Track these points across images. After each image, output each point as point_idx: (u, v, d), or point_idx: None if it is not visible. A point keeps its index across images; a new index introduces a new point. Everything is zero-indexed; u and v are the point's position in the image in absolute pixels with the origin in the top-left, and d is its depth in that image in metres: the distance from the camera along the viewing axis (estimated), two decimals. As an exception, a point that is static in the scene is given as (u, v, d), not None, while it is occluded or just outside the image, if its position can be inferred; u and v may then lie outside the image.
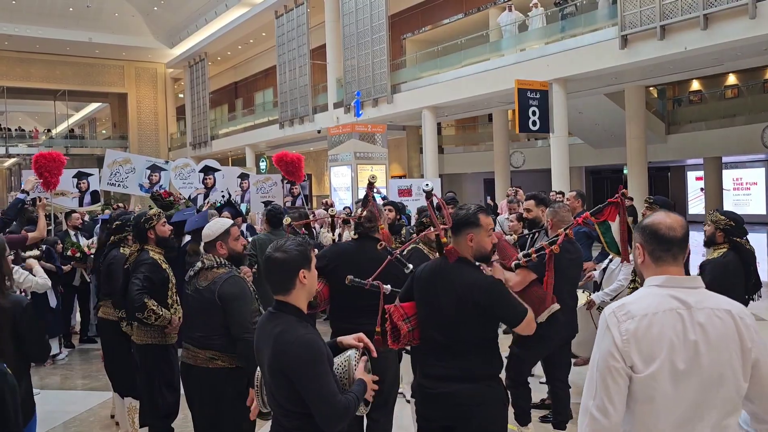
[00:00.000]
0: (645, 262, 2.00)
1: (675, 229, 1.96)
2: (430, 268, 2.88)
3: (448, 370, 2.73)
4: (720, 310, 1.88)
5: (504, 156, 21.91)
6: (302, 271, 2.33)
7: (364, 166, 13.17)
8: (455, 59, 19.05)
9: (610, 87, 17.33)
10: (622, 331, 1.85)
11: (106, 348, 4.82)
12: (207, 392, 3.28)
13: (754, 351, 1.85)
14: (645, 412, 1.84)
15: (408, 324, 2.77)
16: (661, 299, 1.89)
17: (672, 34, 12.69)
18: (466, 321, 2.73)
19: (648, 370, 1.82)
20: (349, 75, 21.33)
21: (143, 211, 4.42)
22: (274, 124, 26.44)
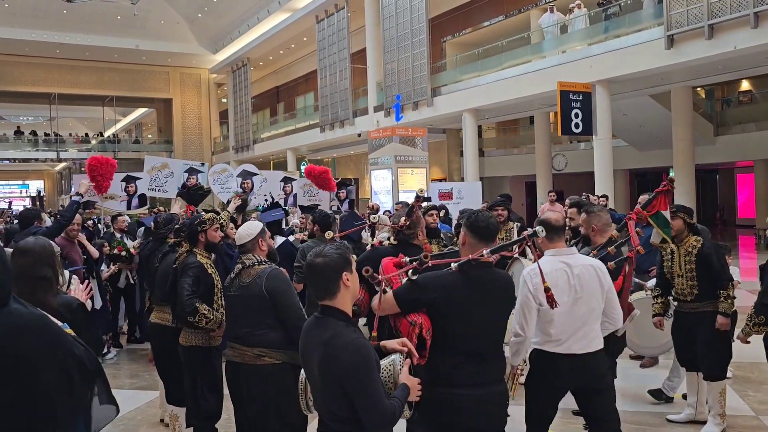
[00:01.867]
0: (543, 242, 3.36)
1: (559, 221, 3.39)
2: (468, 278, 2.78)
3: (491, 375, 2.79)
4: (587, 266, 3.31)
5: (546, 159, 21.64)
6: (345, 273, 2.37)
7: (404, 170, 13.16)
8: (496, 61, 18.90)
9: (655, 88, 16.95)
10: (532, 284, 3.15)
11: (158, 353, 4.82)
12: (256, 389, 3.34)
13: (605, 286, 3.32)
14: (548, 328, 3.25)
15: (430, 337, 2.71)
16: (553, 263, 3.26)
17: (720, 33, 12.36)
18: (504, 323, 2.89)
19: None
20: (389, 78, 21.38)
21: (198, 214, 4.50)
22: (315, 127, 26.66)
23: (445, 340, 2.75)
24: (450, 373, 2.74)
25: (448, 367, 2.75)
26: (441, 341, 2.74)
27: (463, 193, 12.97)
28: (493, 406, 2.77)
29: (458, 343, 2.75)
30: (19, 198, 48.69)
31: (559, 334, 3.22)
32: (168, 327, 4.51)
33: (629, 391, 5.48)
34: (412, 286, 2.80)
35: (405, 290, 2.79)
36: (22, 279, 2.54)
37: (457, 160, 25.22)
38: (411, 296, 2.76)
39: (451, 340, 2.75)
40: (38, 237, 2.81)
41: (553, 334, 3.22)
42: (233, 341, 3.46)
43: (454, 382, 2.73)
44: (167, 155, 34.68)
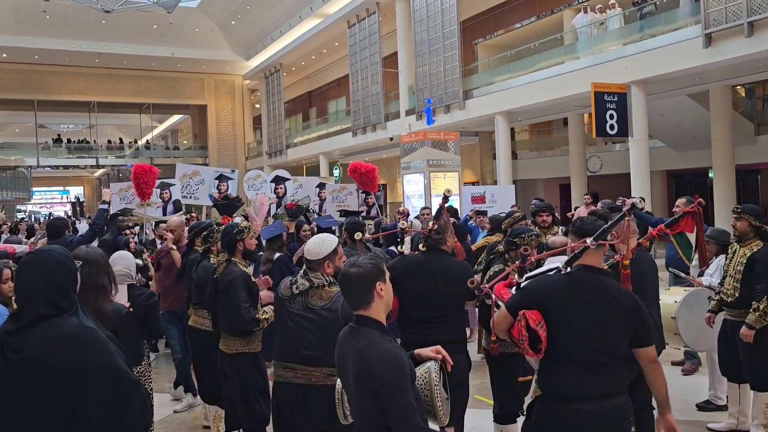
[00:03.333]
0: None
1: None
2: (574, 282, 2.74)
3: (609, 385, 2.67)
4: None
5: (580, 160, 21.38)
6: (378, 283, 2.38)
7: (436, 174, 13.13)
8: (528, 63, 18.76)
9: (693, 87, 16.61)
10: None
11: (195, 356, 4.93)
12: (325, 409, 3.16)
13: None
14: None
15: (542, 330, 2.65)
16: None
17: (760, 30, 12.07)
18: (626, 332, 2.71)
19: None
20: (420, 82, 21.37)
21: (234, 223, 4.53)
22: (347, 132, 26.78)
23: (558, 346, 2.68)
24: (566, 384, 2.66)
25: (564, 377, 2.67)
26: (554, 347, 2.68)
27: (496, 197, 12.88)
28: (614, 421, 2.66)
29: (571, 351, 2.67)
30: (59, 204, 49.94)
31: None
32: (206, 331, 4.60)
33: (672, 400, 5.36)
34: (521, 292, 2.82)
35: (515, 298, 2.81)
36: (86, 288, 2.69)
37: (490, 163, 25.07)
38: (521, 303, 2.75)
39: (562, 346, 2.68)
40: (91, 247, 2.93)
41: None
42: (292, 361, 3.30)
43: (572, 395, 2.64)
44: (202, 161, 35.22)
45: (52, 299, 2.17)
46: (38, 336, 2.13)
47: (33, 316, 2.15)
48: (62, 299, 2.19)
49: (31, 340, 2.12)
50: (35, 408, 2.10)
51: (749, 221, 4.42)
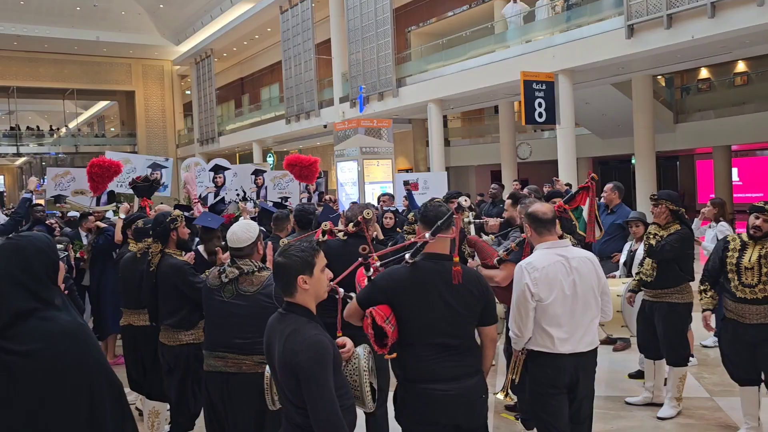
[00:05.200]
0: (532, 235, 3.21)
1: (547, 214, 3.18)
2: (420, 272, 2.80)
3: (463, 367, 2.77)
4: (584, 258, 3.17)
5: (510, 148, 21.83)
6: (301, 277, 2.39)
7: (370, 161, 13.14)
8: (460, 51, 18.98)
9: (616, 77, 17.21)
10: (531, 278, 3.05)
11: (132, 353, 4.69)
12: (256, 397, 3.11)
13: (601, 279, 3.19)
14: (549, 323, 3.06)
15: (389, 325, 2.72)
16: (549, 256, 3.11)
17: (679, 22, 12.58)
18: (474, 315, 2.82)
19: (550, 299, 3.05)
20: (354, 69, 21.31)
21: (166, 211, 4.36)
22: (280, 119, 26.47)
23: (409, 334, 2.76)
24: (420, 367, 2.75)
25: (418, 361, 2.76)
26: (406, 335, 2.76)
27: (428, 184, 13.02)
28: (470, 400, 2.77)
29: (423, 337, 2.75)
30: (-23, 194, 47.43)
31: (564, 333, 3.07)
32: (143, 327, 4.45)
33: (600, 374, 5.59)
34: (370, 285, 2.87)
35: (364, 292, 2.85)
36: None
37: (423, 150, 25.30)
38: (370, 296, 2.80)
39: (414, 333, 2.76)
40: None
41: (556, 335, 3.06)
42: (223, 350, 3.25)
43: (426, 377, 2.73)
44: (131, 149, 34.10)
45: (32, 291, 2.03)
46: (31, 333, 1.99)
47: (15, 311, 2.00)
48: (43, 290, 2.05)
49: (24, 338, 1.98)
50: (48, 409, 1.98)
51: (667, 206, 4.61)
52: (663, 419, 4.55)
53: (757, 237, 3.93)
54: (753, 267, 3.90)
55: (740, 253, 4.00)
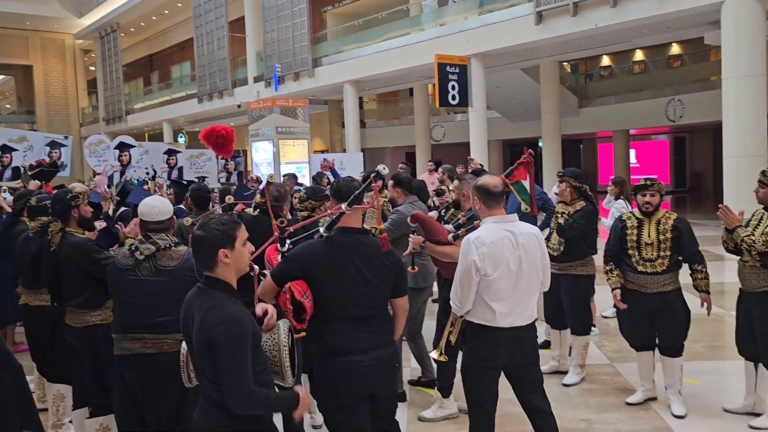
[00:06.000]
0: (481, 208, 3.14)
1: (497, 186, 3.14)
2: (333, 245, 2.84)
3: (377, 337, 2.84)
4: (530, 234, 3.13)
5: (425, 130, 22.19)
6: (222, 250, 2.34)
7: (285, 141, 13.03)
8: (376, 33, 19.06)
9: (526, 62, 17.81)
10: (479, 253, 3.00)
11: (34, 335, 4.51)
12: (178, 377, 2.95)
13: (545, 256, 3.19)
14: (491, 297, 3.04)
15: (307, 300, 2.76)
16: (497, 231, 3.06)
17: (584, 11, 13.17)
18: (387, 286, 2.89)
19: (494, 274, 3.02)
20: (269, 48, 20.97)
21: (66, 189, 4.17)
22: (192, 98, 25.72)
23: (326, 307, 2.81)
24: (338, 340, 2.80)
25: (334, 334, 2.81)
26: (323, 309, 2.81)
27: (344, 165, 13.07)
28: (386, 368, 2.86)
29: (339, 310, 2.81)
30: None
31: (505, 308, 3.06)
32: (39, 307, 4.29)
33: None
34: (285, 261, 2.88)
35: (279, 267, 2.86)
36: None
37: (339, 132, 25.30)
38: (285, 271, 2.83)
39: (331, 307, 2.81)
40: None
41: (497, 309, 3.05)
42: (140, 331, 3.13)
43: (344, 349, 2.78)
44: (29, 127, 32.11)
45: None
46: None
47: None
48: None
49: None
50: None
51: (570, 182, 4.88)
52: (568, 385, 4.85)
53: (650, 212, 4.24)
54: (653, 242, 4.18)
55: (638, 230, 4.26)
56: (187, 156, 11.11)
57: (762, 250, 3.74)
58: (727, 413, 4.15)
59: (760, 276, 3.87)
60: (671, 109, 18.87)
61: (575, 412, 4.31)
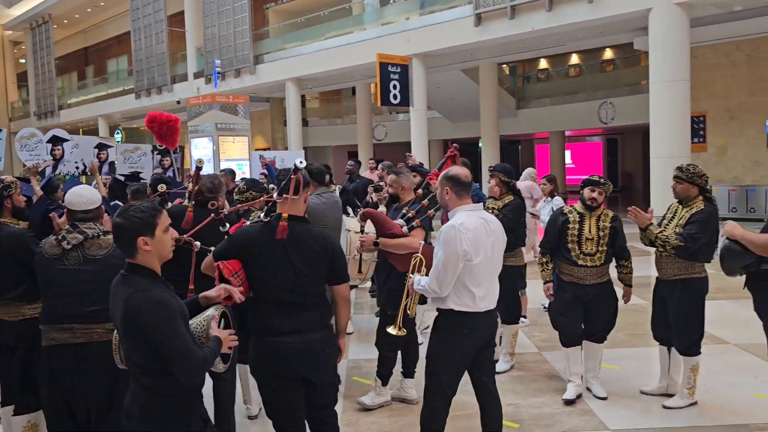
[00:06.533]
0: (452, 198, 3.25)
1: (468, 177, 3.28)
2: (269, 231, 2.93)
3: (305, 322, 2.92)
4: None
5: (367, 129, 22.31)
6: (141, 238, 2.34)
7: (225, 138, 12.91)
8: (319, 31, 19.07)
9: (466, 63, 18.15)
10: (466, 239, 3.08)
11: None
12: (109, 365, 2.94)
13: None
14: (472, 282, 3.15)
15: (237, 279, 2.85)
16: (474, 218, 3.18)
17: (521, 14, 13.54)
18: (320, 274, 2.97)
19: (477, 259, 3.14)
20: (209, 44, 20.69)
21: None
22: (129, 93, 25.10)
23: (260, 290, 2.91)
24: (265, 321, 2.90)
25: (264, 315, 2.91)
26: (256, 291, 2.91)
27: (286, 162, 13.05)
28: (314, 352, 2.92)
29: (269, 292, 2.90)
30: None
31: (482, 292, 3.18)
32: None
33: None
34: (226, 241, 2.98)
35: (220, 247, 2.96)
36: None
37: (281, 130, 25.16)
38: (223, 250, 2.93)
39: (265, 290, 2.91)
40: None
41: (477, 293, 3.16)
42: (69, 321, 3.08)
43: (272, 331, 2.88)
44: (-47, 121, 30.73)
45: None
46: None
47: None
48: None
49: None
50: None
51: (500, 178, 5.06)
52: (498, 373, 5.02)
53: (593, 207, 4.42)
54: (593, 237, 4.36)
55: (580, 225, 4.43)
56: (121, 150, 10.82)
57: (675, 245, 3.99)
58: (644, 395, 4.40)
59: (674, 265, 4.13)
60: (603, 111, 19.57)
61: (504, 398, 4.42)
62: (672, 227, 4.10)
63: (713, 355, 5.18)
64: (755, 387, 4.47)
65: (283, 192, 2.95)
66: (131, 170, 10.38)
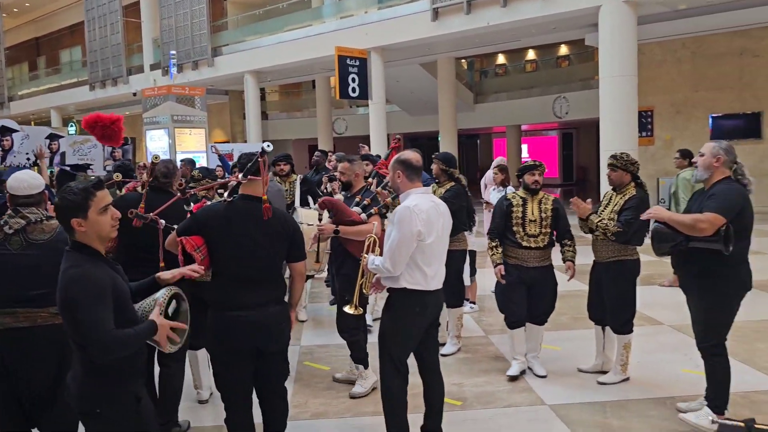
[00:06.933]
0: (403, 181, 3.37)
1: (419, 161, 3.41)
2: (233, 210, 3.07)
3: (264, 297, 3.06)
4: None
5: (327, 122, 22.35)
6: (74, 219, 2.39)
7: (182, 130, 12.83)
8: (277, 24, 19.02)
9: (424, 57, 18.32)
10: (420, 220, 3.21)
11: None
12: (54, 350, 3.05)
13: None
14: (425, 261, 3.28)
15: (199, 254, 2.99)
16: (426, 200, 3.33)
17: (477, 9, 13.75)
18: (279, 252, 3.13)
19: (430, 239, 3.27)
20: (166, 35, 20.44)
21: None
22: (83, 85, 24.60)
23: (221, 265, 3.05)
24: (223, 295, 3.03)
25: (224, 290, 3.04)
26: (216, 265, 3.06)
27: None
28: (268, 324, 3.06)
29: (228, 268, 3.04)
30: None
31: (433, 271, 3.33)
32: None
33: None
34: (190, 218, 3.15)
35: (185, 223, 3.13)
36: None
37: (240, 123, 25.00)
38: (187, 226, 3.08)
39: (226, 265, 3.04)
40: None
41: (429, 272, 3.30)
42: (11, 305, 3.09)
43: (230, 305, 3.01)
44: None
45: None
46: None
47: None
48: None
49: None
50: None
51: (440, 166, 5.27)
52: (446, 355, 5.21)
53: (536, 190, 4.65)
54: (536, 219, 4.58)
55: (523, 208, 4.65)
56: (70, 142, 10.66)
57: (615, 231, 4.21)
58: (581, 373, 4.63)
59: (608, 248, 4.35)
60: (558, 106, 20.00)
61: (449, 378, 4.61)
62: (608, 213, 4.33)
63: (647, 335, 5.47)
64: (684, 363, 4.74)
65: (248, 173, 3.08)
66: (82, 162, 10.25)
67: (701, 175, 3.65)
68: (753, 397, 4.11)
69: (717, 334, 3.58)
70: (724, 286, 3.49)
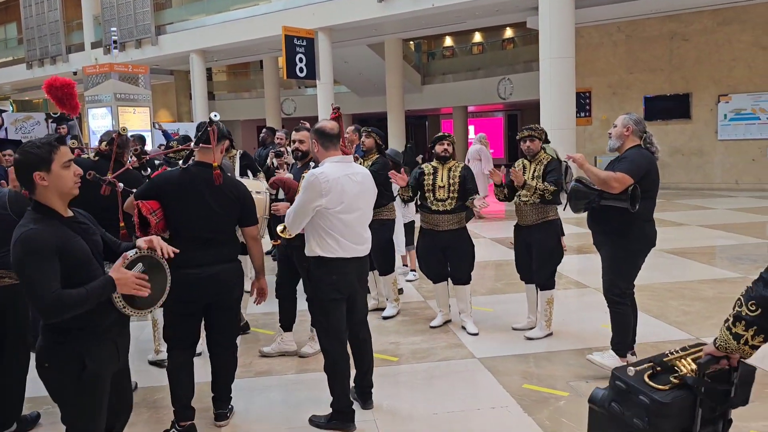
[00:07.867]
0: (319, 150, 3.45)
1: (334, 129, 3.47)
2: (188, 176, 3.28)
3: (215, 256, 3.29)
4: (365, 173, 3.51)
5: (275, 103, 22.28)
6: (37, 173, 2.36)
7: (126, 109, 12.70)
8: (223, 2, 18.82)
9: (371, 38, 18.45)
10: (323, 188, 3.26)
11: None
12: (21, 308, 3.28)
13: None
14: (336, 230, 3.34)
15: (155, 217, 3.21)
16: (338, 169, 3.36)
17: (421, -10, 13.96)
18: (232, 215, 3.36)
19: (337, 208, 3.32)
20: (107, 12, 20.00)
21: None
22: (20, 63, 23.84)
23: (178, 227, 3.28)
24: (182, 255, 2.99)
25: (181, 250, 3.04)
26: (172, 228, 3.28)
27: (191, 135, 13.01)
28: (219, 281, 3.29)
29: (184, 229, 3.27)
30: None
31: (348, 239, 3.37)
32: None
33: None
34: (148, 183, 3.37)
35: (141, 187, 3.35)
36: None
37: (187, 103, 24.67)
38: (144, 191, 3.29)
39: (182, 227, 3.27)
40: None
41: (342, 241, 3.35)
42: None
43: (184, 264, 3.14)
44: None
45: None
46: None
47: None
48: None
49: None
50: None
51: (374, 138, 5.54)
52: (386, 318, 5.49)
53: (446, 157, 4.98)
54: (444, 185, 4.93)
55: (434, 176, 5.02)
56: (11, 120, 10.49)
57: (552, 190, 4.54)
58: (514, 330, 4.97)
59: (537, 211, 4.69)
60: (502, 87, 20.45)
61: (387, 338, 4.94)
62: (529, 179, 4.65)
63: (574, 296, 5.86)
64: (604, 319, 5.11)
65: (199, 142, 3.31)
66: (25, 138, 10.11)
67: (614, 144, 3.97)
68: (662, 346, 4.50)
69: (622, 285, 3.93)
70: (632, 242, 3.84)
